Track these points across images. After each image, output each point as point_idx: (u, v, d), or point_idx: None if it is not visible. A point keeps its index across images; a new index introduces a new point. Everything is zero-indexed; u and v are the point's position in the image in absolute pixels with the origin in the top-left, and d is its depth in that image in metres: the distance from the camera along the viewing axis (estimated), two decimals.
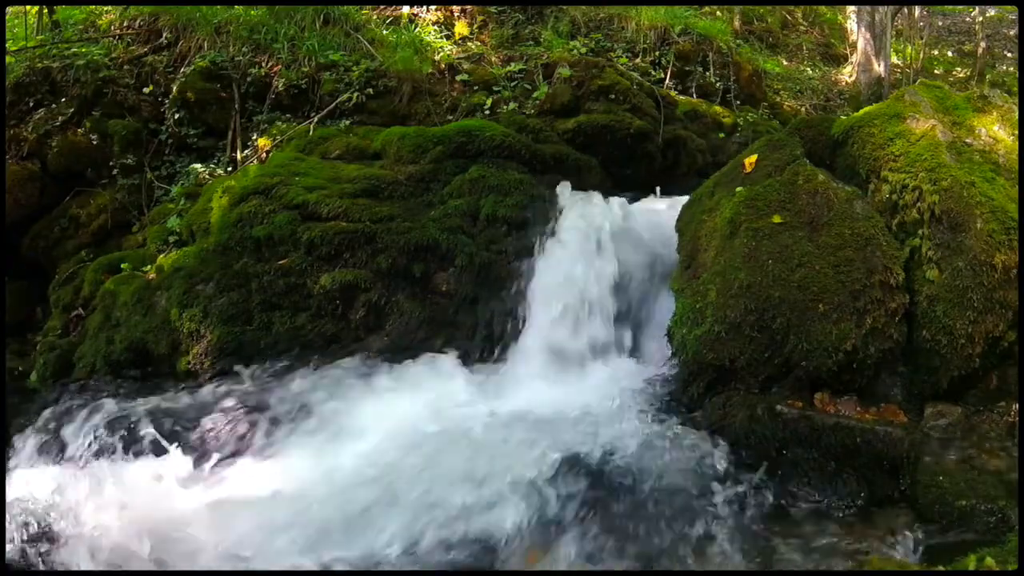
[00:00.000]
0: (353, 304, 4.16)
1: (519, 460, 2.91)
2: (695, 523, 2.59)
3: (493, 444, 3.10)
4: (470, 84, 5.85)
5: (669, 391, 3.53)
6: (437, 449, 3.12)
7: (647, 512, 2.64)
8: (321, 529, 2.73)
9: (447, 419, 3.46)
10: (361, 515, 2.77)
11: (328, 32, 6.08)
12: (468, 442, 3.16)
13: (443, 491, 2.80)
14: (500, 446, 3.07)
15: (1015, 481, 2.61)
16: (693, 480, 2.80)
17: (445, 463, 2.98)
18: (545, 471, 2.83)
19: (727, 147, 5.88)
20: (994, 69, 10.48)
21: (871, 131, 3.53)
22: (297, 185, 4.45)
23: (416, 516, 2.70)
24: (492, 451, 3.02)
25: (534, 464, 2.87)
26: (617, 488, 2.75)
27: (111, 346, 4.22)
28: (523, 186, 4.60)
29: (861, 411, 3.05)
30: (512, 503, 2.70)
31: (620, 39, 6.83)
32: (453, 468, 2.93)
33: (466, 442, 3.16)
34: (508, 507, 2.69)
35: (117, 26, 6.37)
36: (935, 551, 2.46)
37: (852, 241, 3.21)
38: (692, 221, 3.80)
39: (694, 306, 3.35)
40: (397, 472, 2.99)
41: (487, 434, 3.21)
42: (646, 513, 2.64)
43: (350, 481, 3.00)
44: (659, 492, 2.72)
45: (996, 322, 3.00)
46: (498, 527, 2.62)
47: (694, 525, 2.59)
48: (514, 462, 2.90)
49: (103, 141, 5.48)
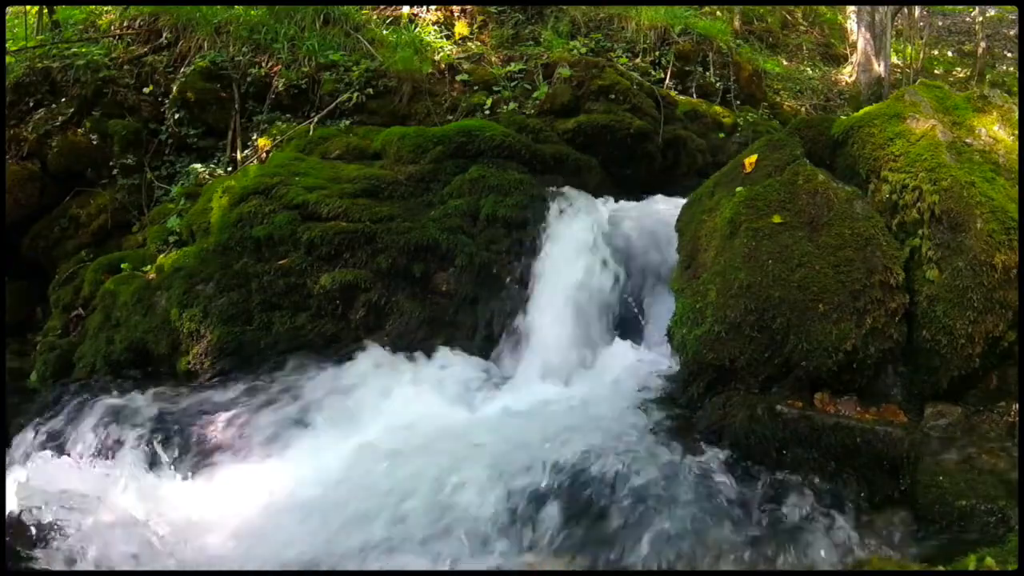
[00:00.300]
0: (353, 304, 4.16)
1: (515, 461, 2.91)
2: (694, 523, 2.59)
3: (491, 443, 3.10)
4: (470, 84, 5.85)
5: (669, 391, 3.53)
6: (437, 449, 3.12)
7: (646, 512, 2.64)
8: (321, 529, 2.73)
9: (448, 418, 3.46)
10: (359, 513, 2.77)
11: (328, 32, 6.08)
12: (468, 440, 3.16)
13: (439, 488, 2.81)
14: (499, 446, 3.07)
15: (1015, 481, 2.60)
16: (692, 480, 2.79)
17: (445, 462, 2.98)
18: (540, 472, 2.83)
19: (727, 147, 5.88)
20: (994, 69, 10.48)
21: (871, 131, 3.53)
22: (297, 185, 4.45)
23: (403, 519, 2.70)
24: (489, 451, 3.02)
25: (528, 466, 2.86)
26: (615, 488, 2.74)
27: (111, 346, 4.22)
28: (523, 186, 4.60)
29: (861, 411, 3.05)
30: (505, 505, 2.70)
31: (620, 39, 6.83)
32: (453, 467, 2.93)
33: (466, 440, 3.16)
34: (498, 509, 2.69)
35: (117, 26, 6.37)
36: (935, 551, 2.46)
37: (852, 241, 3.20)
38: (692, 221, 3.80)
39: (694, 306, 3.35)
40: (397, 471, 2.99)
41: (484, 435, 3.21)
42: (645, 513, 2.63)
43: (349, 480, 3.00)
44: (658, 492, 2.71)
45: (996, 322, 3.00)
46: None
47: (693, 525, 2.59)
48: (510, 463, 2.90)
49: (103, 141, 5.49)
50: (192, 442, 3.40)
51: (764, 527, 2.64)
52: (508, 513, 2.69)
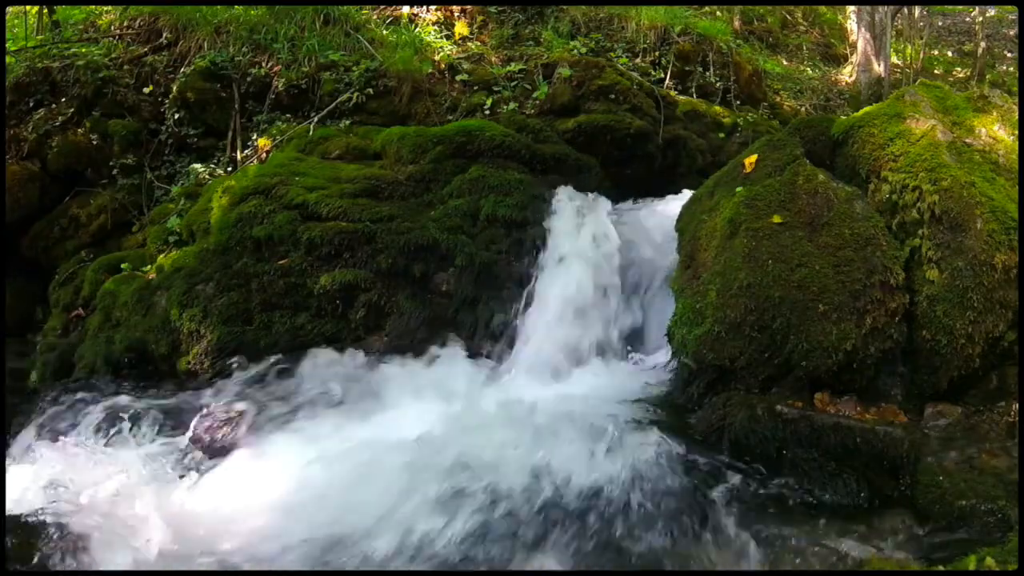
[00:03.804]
0: (353, 304, 4.16)
1: (513, 461, 2.91)
2: (694, 523, 2.59)
3: (488, 443, 3.09)
4: (470, 84, 5.85)
5: (669, 391, 3.53)
6: (437, 448, 3.12)
7: (646, 512, 2.64)
8: (321, 529, 2.73)
9: (448, 418, 3.46)
10: (357, 512, 2.77)
11: (328, 32, 6.08)
12: (468, 439, 3.16)
13: (439, 487, 2.80)
14: (496, 445, 3.07)
15: (1015, 481, 2.60)
16: (692, 480, 2.79)
17: (445, 462, 2.98)
18: (539, 472, 2.83)
19: (727, 147, 5.88)
20: (994, 69, 10.48)
21: (871, 131, 3.53)
22: (297, 185, 4.45)
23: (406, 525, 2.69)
24: (488, 450, 3.02)
25: (526, 466, 2.86)
26: (614, 488, 2.74)
27: (111, 346, 4.21)
28: (523, 186, 4.60)
29: (861, 411, 3.05)
30: (500, 507, 2.70)
31: (620, 39, 6.83)
32: (451, 468, 2.92)
33: (465, 439, 3.16)
34: (495, 511, 2.68)
35: (117, 26, 6.37)
36: (935, 551, 2.46)
37: (852, 241, 3.20)
38: (692, 221, 3.80)
39: (694, 306, 3.35)
40: (396, 472, 2.99)
41: (483, 434, 3.21)
42: (645, 513, 2.63)
43: (348, 480, 3.00)
44: (658, 492, 2.71)
45: (996, 322, 3.00)
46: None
47: (693, 525, 2.59)
48: (507, 463, 2.89)
49: (103, 141, 5.49)
50: (193, 442, 3.40)
51: (764, 527, 2.64)
52: (506, 511, 2.68)
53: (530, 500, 2.71)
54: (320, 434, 3.42)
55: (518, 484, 2.78)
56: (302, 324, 4.11)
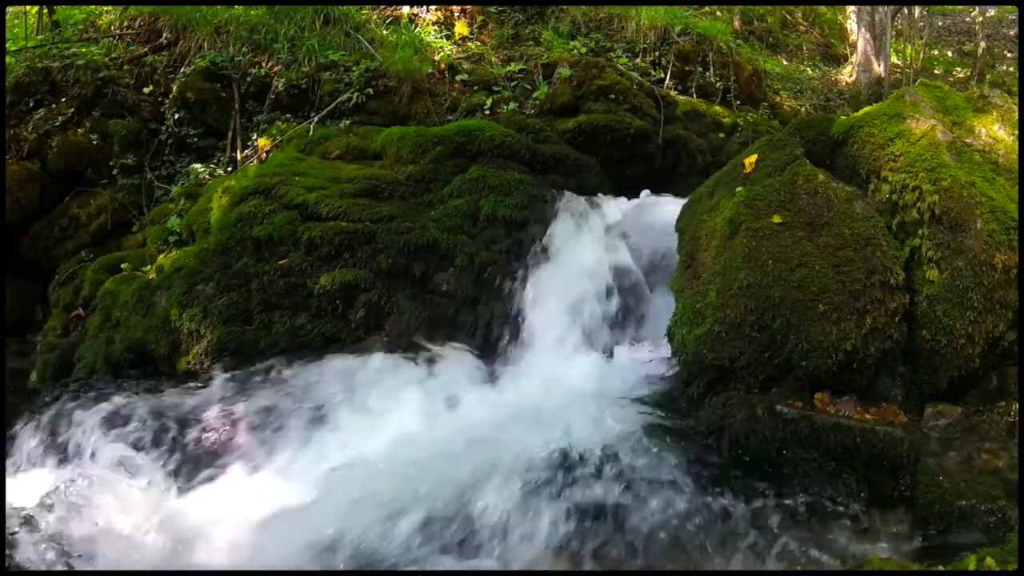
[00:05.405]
0: (353, 304, 4.16)
1: (512, 461, 2.91)
2: (694, 524, 2.59)
3: (487, 443, 3.10)
4: (470, 84, 5.85)
5: (669, 391, 3.53)
6: (437, 449, 3.12)
7: (646, 512, 2.64)
8: (321, 529, 2.73)
9: (448, 417, 3.46)
10: (357, 511, 2.77)
11: (328, 32, 6.08)
12: (467, 439, 3.16)
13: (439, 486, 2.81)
14: (495, 445, 3.07)
15: (1015, 481, 2.60)
16: (692, 480, 2.79)
17: (446, 461, 2.98)
18: (538, 472, 2.83)
19: (727, 147, 5.88)
20: (994, 69, 10.48)
21: (871, 131, 3.53)
22: (297, 185, 4.45)
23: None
24: (487, 450, 3.02)
25: (528, 466, 2.86)
26: (614, 488, 2.74)
27: (111, 346, 4.21)
28: (523, 186, 4.60)
29: (861, 411, 3.05)
30: (498, 509, 2.70)
31: (620, 39, 6.82)
32: (451, 467, 2.93)
33: (465, 439, 3.17)
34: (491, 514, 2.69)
35: (117, 26, 6.37)
36: (935, 551, 2.46)
37: (852, 241, 3.20)
38: (692, 221, 3.80)
39: (694, 306, 3.35)
40: (395, 471, 2.99)
41: (482, 434, 3.21)
42: (644, 513, 2.63)
43: (347, 478, 3.00)
44: (658, 493, 2.71)
45: (996, 322, 3.00)
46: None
47: (693, 526, 2.59)
48: (506, 462, 2.90)
49: (103, 141, 5.49)
50: (193, 442, 3.40)
51: (764, 527, 2.64)
52: (507, 512, 2.68)
53: (528, 499, 2.72)
54: (320, 435, 3.43)
55: (514, 484, 2.79)
56: (302, 324, 4.11)
